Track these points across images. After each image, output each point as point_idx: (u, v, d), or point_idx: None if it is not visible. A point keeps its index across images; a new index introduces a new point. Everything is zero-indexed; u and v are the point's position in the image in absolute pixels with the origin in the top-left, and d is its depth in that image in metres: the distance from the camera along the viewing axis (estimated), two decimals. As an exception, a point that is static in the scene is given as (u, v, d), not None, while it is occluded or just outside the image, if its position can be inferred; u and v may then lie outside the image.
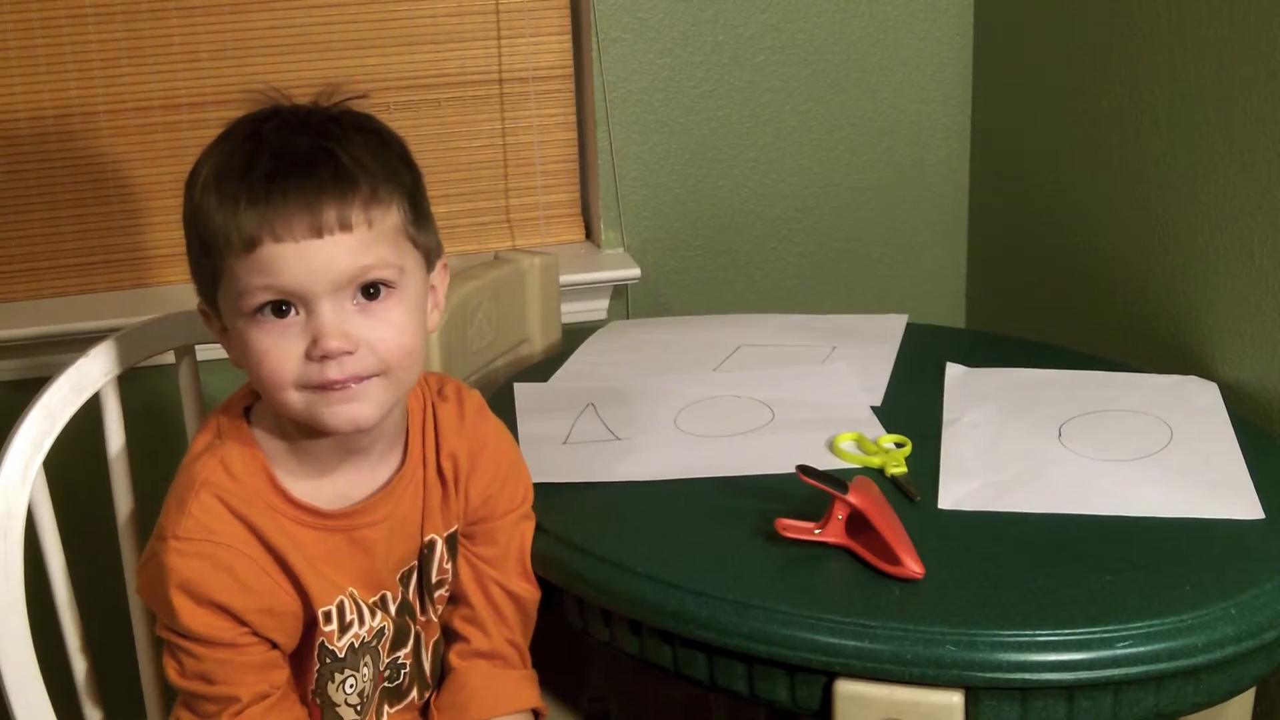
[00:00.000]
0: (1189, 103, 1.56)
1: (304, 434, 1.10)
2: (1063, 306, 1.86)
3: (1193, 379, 1.48)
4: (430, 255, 1.12)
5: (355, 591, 1.13)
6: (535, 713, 1.25)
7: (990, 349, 1.63)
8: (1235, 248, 1.50)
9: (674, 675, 1.18)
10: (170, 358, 1.39)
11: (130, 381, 1.35)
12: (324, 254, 1.02)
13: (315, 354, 1.03)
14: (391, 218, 1.06)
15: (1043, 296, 1.91)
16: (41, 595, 1.26)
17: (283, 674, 1.11)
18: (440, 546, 1.19)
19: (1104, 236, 1.74)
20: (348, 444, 1.12)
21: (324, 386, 1.04)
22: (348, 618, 1.12)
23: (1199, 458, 1.30)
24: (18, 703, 1.22)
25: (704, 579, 1.14)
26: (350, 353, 1.03)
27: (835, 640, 1.07)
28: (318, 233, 1.02)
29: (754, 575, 1.14)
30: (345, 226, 1.02)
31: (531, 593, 1.24)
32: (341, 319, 1.03)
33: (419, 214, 1.10)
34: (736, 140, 1.97)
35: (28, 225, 1.84)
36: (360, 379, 1.05)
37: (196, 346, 1.40)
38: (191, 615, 1.06)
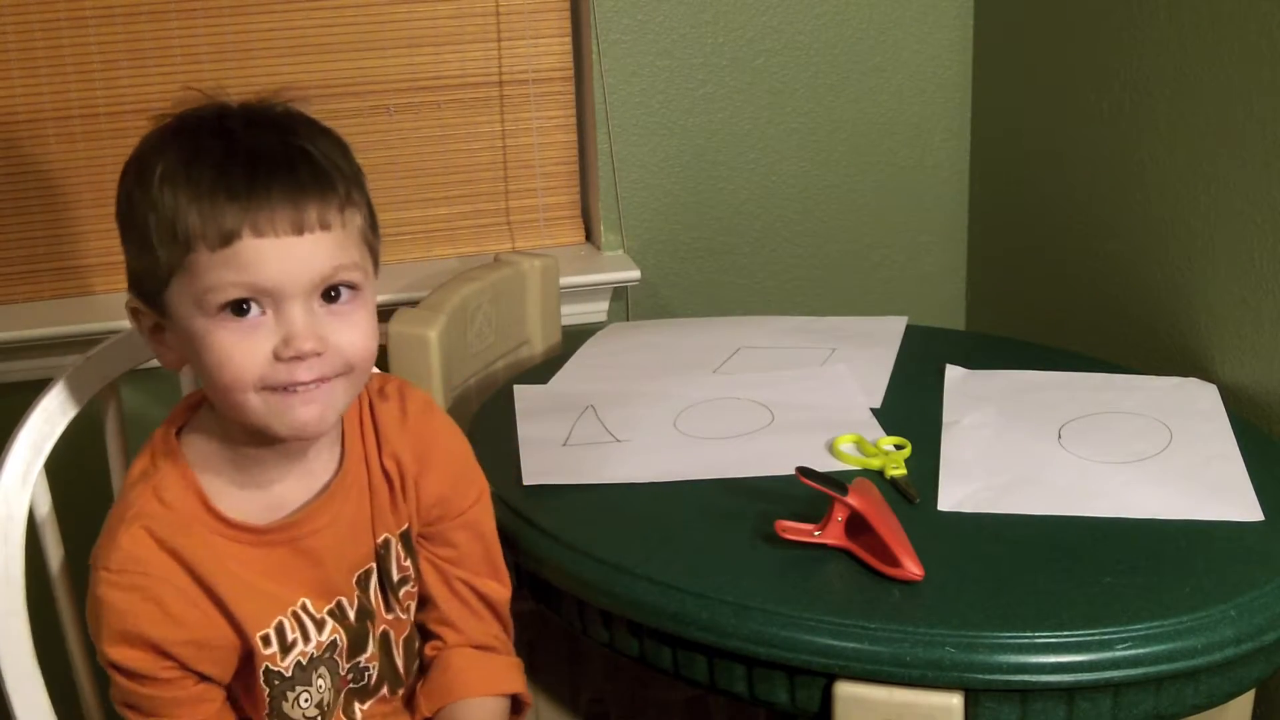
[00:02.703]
0: (1189, 103, 1.56)
1: (249, 441, 1.08)
2: (1063, 308, 1.86)
3: (1193, 381, 1.48)
4: (378, 262, 1.11)
5: (308, 602, 1.12)
6: (519, 702, 1.24)
7: (990, 351, 1.63)
8: (1235, 249, 1.50)
9: (674, 677, 1.18)
10: (170, 360, 1.39)
11: (130, 384, 1.35)
12: (303, 252, 1.01)
13: (286, 354, 1.02)
14: (359, 220, 1.06)
15: (1043, 298, 1.91)
16: (42, 598, 1.26)
17: (211, 707, 1.09)
18: (395, 545, 1.17)
19: (1104, 238, 1.75)
20: (291, 449, 1.10)
21: (289, 388, 1.03)
22: (289, 637, 1.10)
23: (1199, 460, 1.30)
24: (18, 704, 1.22)
25: (704, 581, 1.14)
26: (320, 355, 1.03)
27: (835, 642, 1.07)
28: (299, 230, 1.01)
29: (753, 577, 1.14)
30: (325, 226, 1.02)
31: (500, 591, 1.23)
32: (313, 321, 1.03)
33: (375, 219, 1.10)
34: (736, 142, 1.97)
35: (28, 228, 1.84)
36: (326, 380, 1.04)
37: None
38: (115, 648, 1.05)
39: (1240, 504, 1.22)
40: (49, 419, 1.25)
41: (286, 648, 1.11)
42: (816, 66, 1.97)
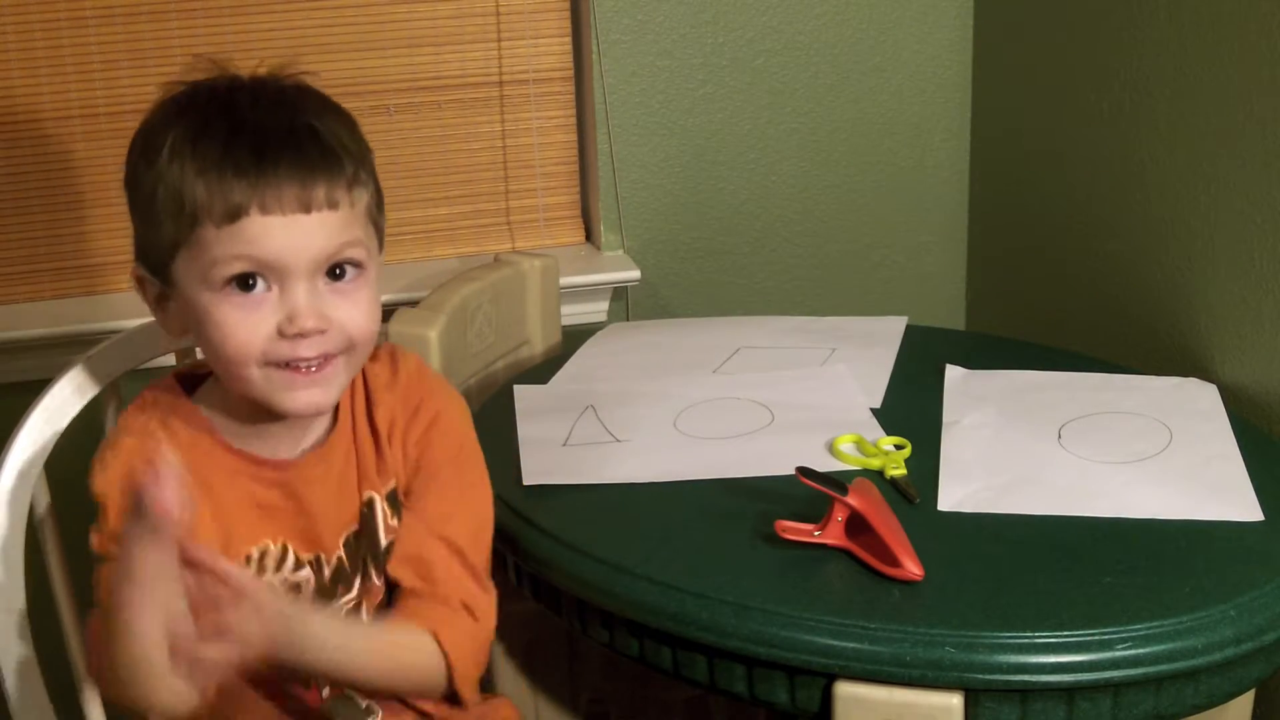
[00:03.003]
0: (1189, 103, 1.56)
1: (253, 413, 1.10)
2: (1063, 308, 1.86)
3: (1193, 381, 1.48)
4: (383, 238, 1.13)
5: (290, 546, 1.13)
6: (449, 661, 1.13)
7: (990, 351, 1.63)
8: (1235, 249, 1.50)
9: (674, 677, 1.18)
10: (171, 359, 1.39)
11: (130, 384, 1.36)
12: (309, 230, 1.03)
13: (290, 331, 1.03)
14: (365, 198, 1.08)
15: (1043, 298, 1.91)
16: (42, 597, 1.26)
17: None
18: (380, 504, 1.17)
19: (1104, 238, 1.75)
20: (293, 419, 1.11)
21: (291, 364, 1.04)
22: (268, 566, 1.12)
23: (1199, 460, 1.30)
24: (18, 703, 1.22)
25: (704, 581, 1.14)
26: (324, 332, 1.04)
27: (835, 642, 1.07)
28: (306, 208, 1.02)
29: (754, 577, 1.14)
30: (333, 205, 1.04)
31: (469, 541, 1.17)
32: (316, 299, 1.04)
33: (381, 196, 1.12)
34: (736, 142, 1.97)
35: (29, 227, 1.84)
36: (329, 358, 1.06)
37: (198, 349, 1.40)
38: (105, 537, 1.04)
39: (1240, 504, 1.22)
40: (49, 419, 1.26)
41: (262, 572, 1.11)
42: (816, 66, 1.97)
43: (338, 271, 1.06)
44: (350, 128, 1.09)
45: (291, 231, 1.02)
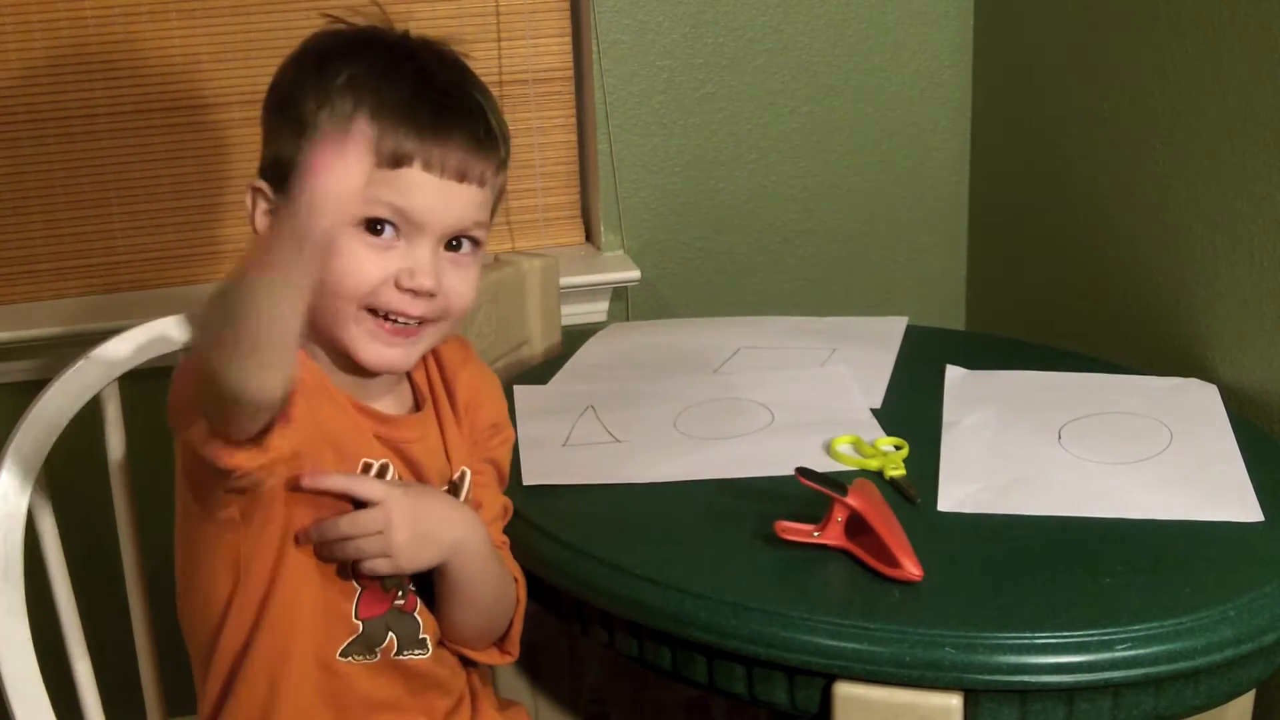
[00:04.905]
0: (1189, 104, 1.56)
1: (346, 367, 1.11)
2: (1063, 309, 1.86)
3: (1193, 381, 1.48)
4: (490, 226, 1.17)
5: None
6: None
7: (990, 351, 1.63)
8: (1235, 250, 1.50)
9: (673, 677, 1.18)
10: (171, 360, 1.39)
11: (131, 384, 1.35)
12: (456, 198, 1.07)
13: (407, 285, 1.07)
14: (501, 185, 1.14)
15: (1043, 299, 1.91)
16: (42, 597, 1.26)
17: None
18: (469, 477, 1.20)
19: (1104, 239, 1.75)
20: (383, 382, 1.14)
21: (390, 316, 1.07)
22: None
23: (1199, 460, 1.30)
24: (18, 704, 1.22)
25: (703, 581, 1.14)
26: (433, 296, 1.08)
27: (834, 643, 1.07)
28: (462, 177, 1.07)
29: (753, 578, 1.14)
30: (481, 182, 1.09)
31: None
32: (437, 263, 1.08)
33: (506, 189, 1.17)
34: (737, 142, 1.97)
35: (27, 227, 1.84)
36: (425, 323, 1.09)
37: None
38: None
39: (1240, 504, 1.22)
40: (49, 419, 1.25)
41: None
42: (816, 66, 1.97)
43: (454, 243, 1.10)
44: (503, 117, 1.14)
45: (443, 195, 1.07)
